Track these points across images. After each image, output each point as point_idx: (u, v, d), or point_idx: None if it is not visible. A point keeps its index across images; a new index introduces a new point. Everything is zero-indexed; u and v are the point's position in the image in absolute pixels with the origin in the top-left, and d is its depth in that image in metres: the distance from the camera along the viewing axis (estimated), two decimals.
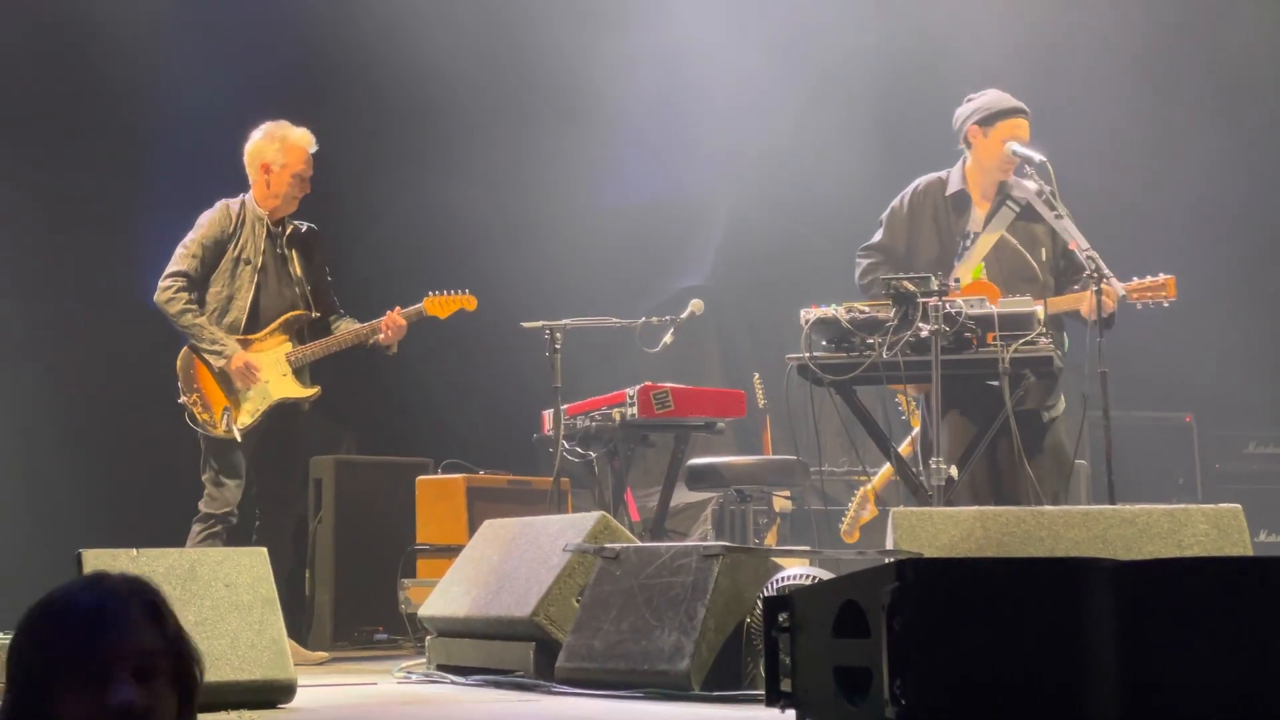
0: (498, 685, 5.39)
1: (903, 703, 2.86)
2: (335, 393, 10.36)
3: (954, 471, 6.03)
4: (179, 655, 2.17)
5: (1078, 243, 6.17)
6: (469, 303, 7.17)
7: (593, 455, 7.51)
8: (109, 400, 8.51)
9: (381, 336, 6.83)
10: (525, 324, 7.41)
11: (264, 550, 5.14)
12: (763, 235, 10.74)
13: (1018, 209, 6.48)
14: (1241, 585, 3.01)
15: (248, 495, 6.79)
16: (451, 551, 6.96)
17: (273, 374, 6.68)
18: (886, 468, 7.30)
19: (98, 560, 4.74)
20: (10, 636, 2.21)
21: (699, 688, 4.69)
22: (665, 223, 11.01)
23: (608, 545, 5.36)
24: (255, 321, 6.72)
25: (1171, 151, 10.03)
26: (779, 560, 5.13)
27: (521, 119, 10.28)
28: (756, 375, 9.20)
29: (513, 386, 9.38)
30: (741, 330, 10.60)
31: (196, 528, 6.57)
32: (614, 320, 7.58)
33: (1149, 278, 6.32)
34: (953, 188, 6.60)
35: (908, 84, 9.84)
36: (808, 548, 6.12)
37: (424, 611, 6.27)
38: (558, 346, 7.26)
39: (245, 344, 6.66)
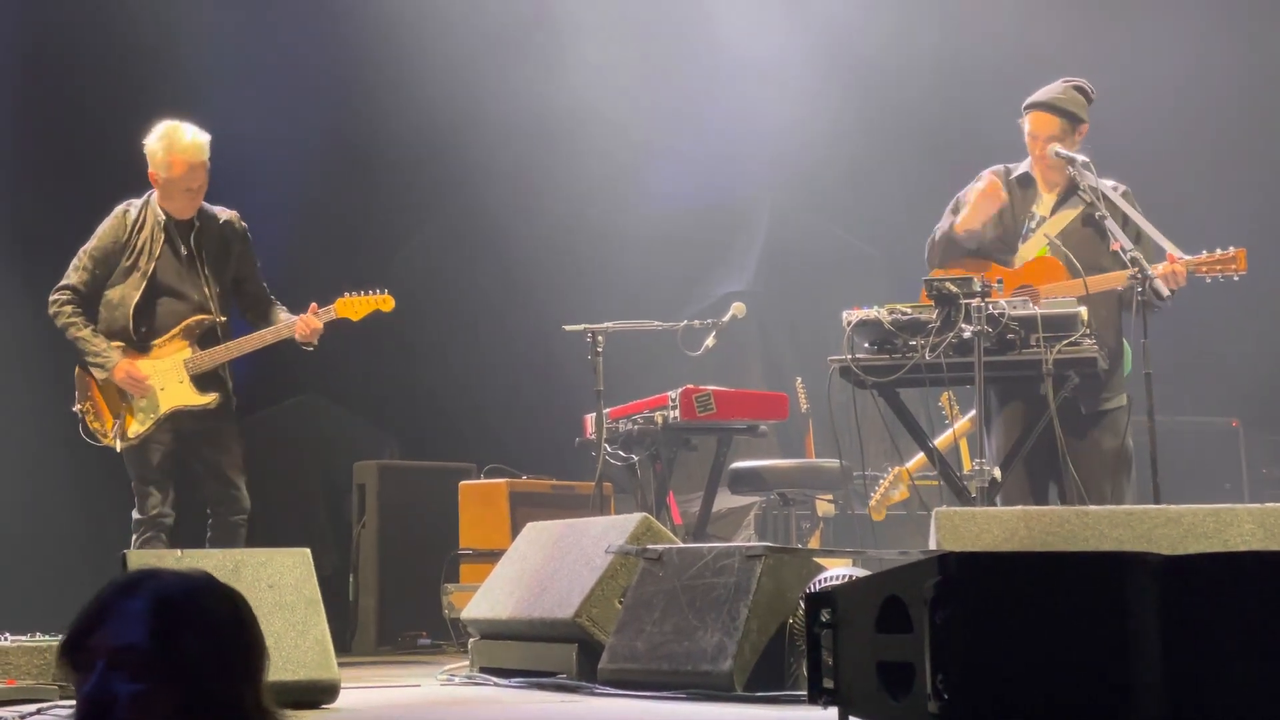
0: (540, 687, 5.39)
1: (945, 697, 2.84)
2: (377, 398, 10.48)
3: (997, 473, 6.00)
4: (167, 654, 2.14)
5: (1121, 244, 6.12)
6: (384, 303, 6.83)
7: (635, 459, 7.51)
8: None
9: (296, 336, 6.62)
10: (567, 327, 7.42)
11: (307, 551, 5.16)
12: (805, 239, 10.74)
13: (1088, 199, 6.41)
14: None
15: (193, 500, 6.66)
16: (494, 556, 6.97)
17: (168, 381, 6.44)
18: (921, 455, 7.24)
19: (142, 562, 4.77)
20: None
21: (742, 688, 4.68)
22: (708, 227, 11.02)
23: (650, 546, 5.35)
24: (152, 328, 6.47)
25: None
26: (821, 561, 5.11)
27: (563, 123, 10.29)
28: (799, 379, 9.18)
29: (555, 390, 9.40)
30: (783, 334, 10.59)
31: (133, 536, 6.50)
32: (656, 323, 7.58)
33: (1218, 250, 6.22)
34: (1018, 171, 6.55)
35: (952, 88, 9.81)
36: (852, 549, 6.10)
37: (467, 614, 6.28)
38: (600, 350, 7.26)
39: (145, 350, 6.45)
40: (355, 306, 6.74)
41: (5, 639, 5.47)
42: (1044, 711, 2.89)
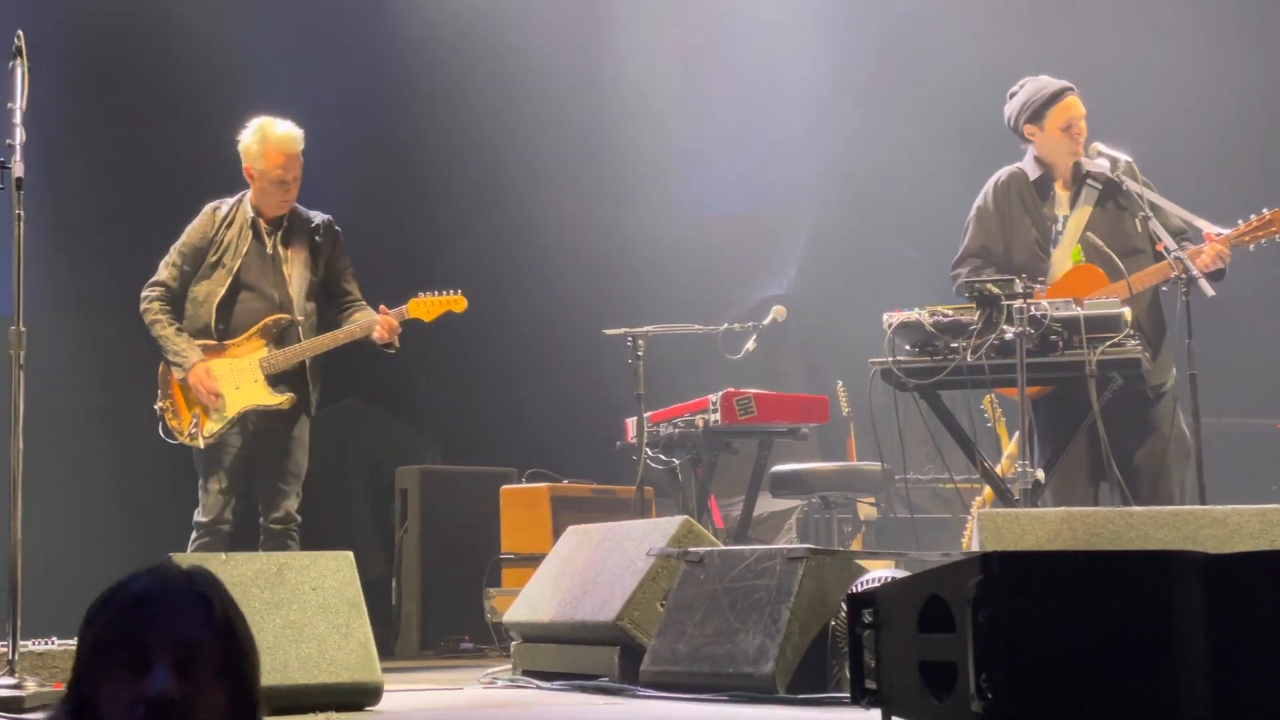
0: (583, 689, 5.40)
1: (989, 697, 2.83)
2: (419, 403, 10.51)
3: (1041, 475, 5.97)
4: (227, 651, 2.13)
5: (1166, 243, 6.07)
6: (457, 304, 6.74)
7: (676, 462, 7.50)
8: None
9: (376, 338, 6.58)
10: (608, 331, 7.42)
11: (350, 554, 5.17)
12: (845, 243, 10.71)
13: (1099, 186, 6.38)
14: None
15: (250, 504, 6.63)
16: (536, 560, 6.97)
17: (243, 380, 6.41)
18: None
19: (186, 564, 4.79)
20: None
21: (784, 690, 4.67)
22: (748, 231, 11.01)
23: (691, 549, 5.35)
24: (231, 326, 6.48)
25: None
26: (863, 563, 5.10)
27: (605, 128, 10.30)
28: (839, 382, 9.16)
29: (596, 394, 9.40)
30: (824, 337, 10.56)
31: (191, 536, 6.49)
32: (696, 327, 7.57)
33: (1253, 216, 6.14)
34: (1033, 175, 6.51)
35: (990, 89, 9.77)
36: (894, 551, 6.08)
37: (509, 617, 6.28)
38: (640, 353, 7.26)
39: (221, 350, 6.44)
40: (428, 307, 6.68)
41: (53, 643, 5.51)
42: (1088, 711, 2.88)
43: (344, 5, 9.98)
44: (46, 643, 5.50)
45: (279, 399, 6.46)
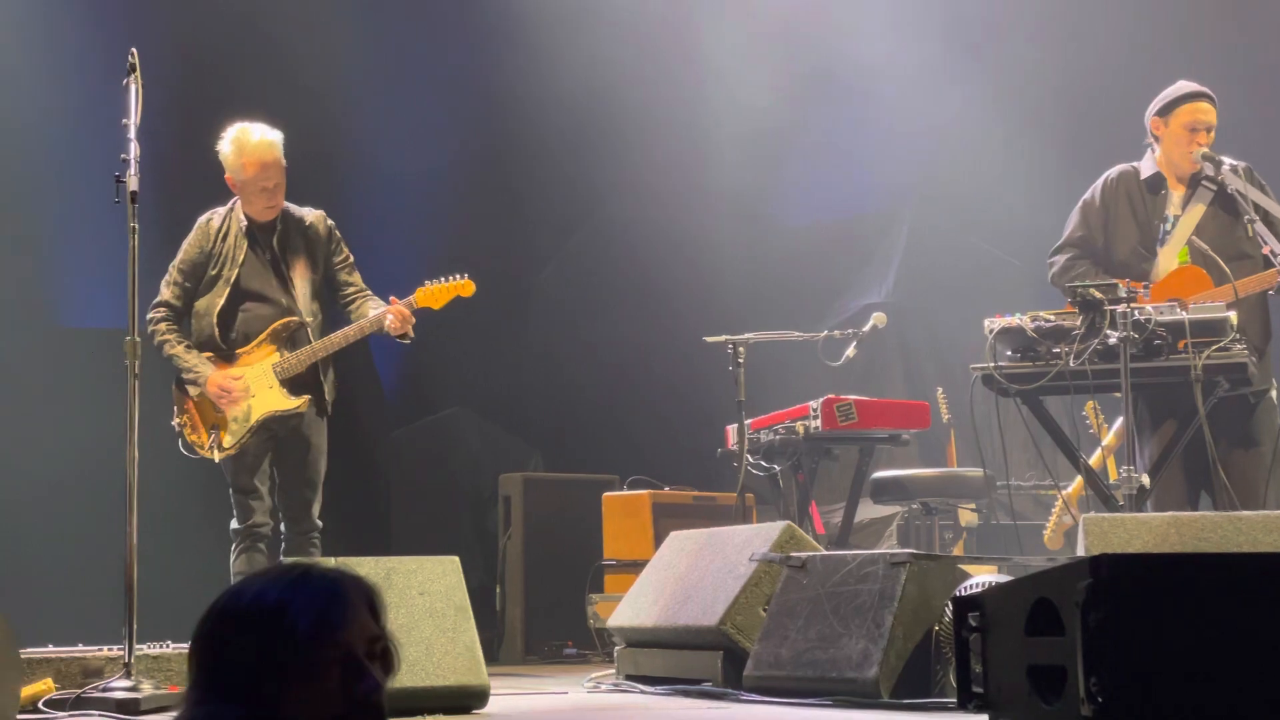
0: (686, 694, 5.37)
1: (1099, 701, 2.78)
2: (522, 412, 10.55)
3: (1145, 480, 5.88)
4: (390, 640, 2.17)
5: (1272, 248, 5.98)
6: (464, 288, 6.50)
7: (777, 469, 7.46)
8: None
9: (390, 330, 6.48)
10: (708, 339, 7.40)
11: (456, 559, 5.20)
12: (944, 250, 10.63)
13: (1215, 188, 6.28)
14: None
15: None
16: (637, 566, 6.96)
17: (259, 388, 6.31)
18: (1080, 478, 7.11)
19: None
20: (204, 638, 2.13)
21: (888, 695, 4.63)
22: (848, 239, 10.97)
23: (794, 554, 5.32)
24: (239, 335, 6.38)
25: None
26: (966, 568, 5.04)
27: (704, 139, 10.30)
28: (939, 388, 9.08)
29: (696, 402, 9.39)
30: (923, 344, 10.48)
31: (232, 546, 6.46)
32: (796, 334, 7.53)
33: None
34: (1146, 173, 6.44)
35: (1086, 92, 9.67)
36: (998, 556, 6.02)
37: (612, 622, 6.28)
38: (741, 361, 7.22)
39: (232, 359, 6.35)
40: (435, 295, 6.47)
41: (168, 646, 5.57)
42: (1201, 715, 2.82)
43: (441, 20, 10.04)
44: (161, 646, 5.58)
45: (295, 402, 6.35)
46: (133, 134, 5.37)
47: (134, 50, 5.46)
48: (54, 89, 8.92)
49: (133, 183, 5.31)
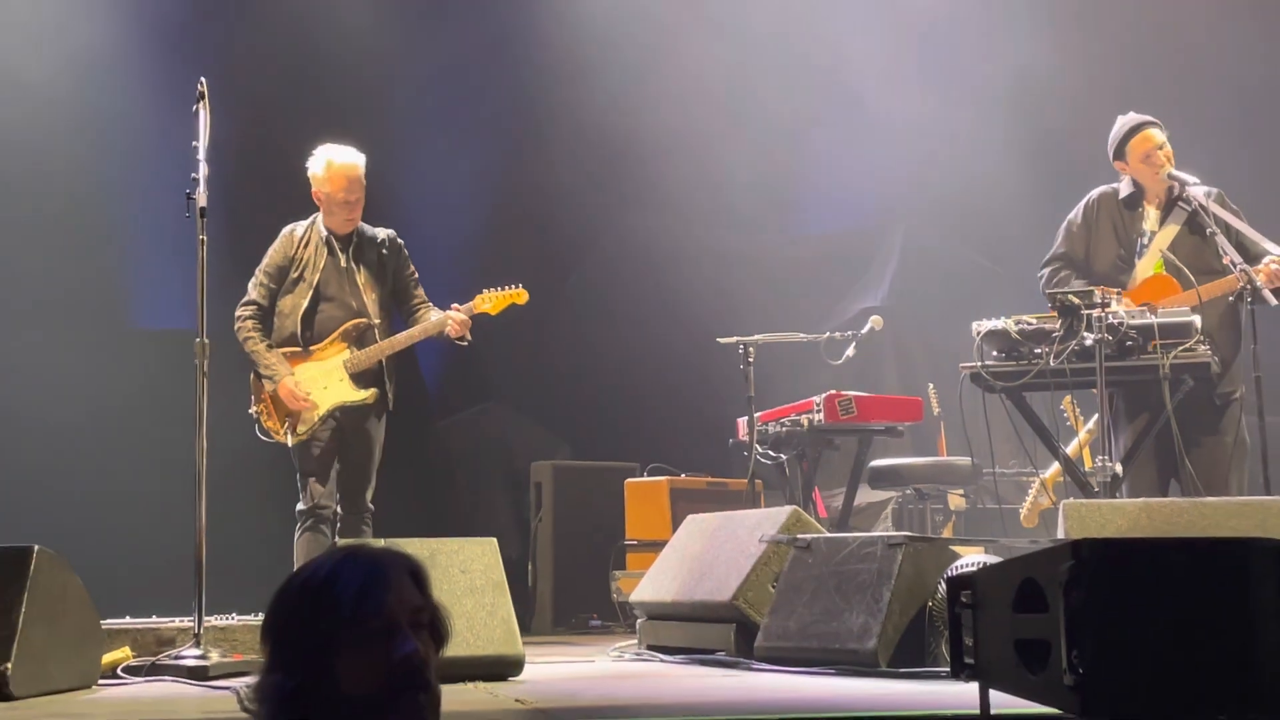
0: (702, 662, 5.38)
1: (1080, 671, 2.78)
2: (552, 406, 10.56)
3: (1119, 469, 5.88)
4: (436, 610, 2.17)
5: (1231, 258, 5.97)
6: (519, 297, 6.62)
7: (783, 458, 7.48)
8: None
9: (450, 334, 6.58)
10: (721, 340, 7.42)
11: (494, 540, 5.20)
12: (935, 258, 10.62)
13: (1189, 208, 6.27)
14: None
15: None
16: (657, 546, 6.96)
17: (330, 380, 6.42)
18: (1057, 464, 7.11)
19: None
20: (269, 614, 2.16)
21: (885, 664, 4.63)
22: (847, 249, 10.96)
23: (800, 536, 5.32)
24: (315, 333, 6.48)
25: None
26: (957, 549, 5.04)
27: (718, 161, 10.29)
28: (931, 385, 9.07)
29: (710, 397, 9.39)
30: (916, 344, 10.46)
31: (297, 525, 6.51)
32: (801, 335, 7.55)
33: None
34: (1124, 193, 6.45)
35: (1071, 109, 9.62)
36: (984, 537, 6.01)
37: (634, 597, 6.29)
38: (751, 360, 7.25)
39: (307, 355, 6.45)
40: (493, 301, 6.60)
41: (233, 619, 5.59)
42: (1171, 684, 2.82)
43: (482, 39, 10.05)
44: (228, 618, 5.59)
45: (363, 394, 6.45)
46: (202, 155, 5.39)
47: (203, 80, 5.47)
48: (134, 110, 8.96)
49: (202, 199, 5.34)
